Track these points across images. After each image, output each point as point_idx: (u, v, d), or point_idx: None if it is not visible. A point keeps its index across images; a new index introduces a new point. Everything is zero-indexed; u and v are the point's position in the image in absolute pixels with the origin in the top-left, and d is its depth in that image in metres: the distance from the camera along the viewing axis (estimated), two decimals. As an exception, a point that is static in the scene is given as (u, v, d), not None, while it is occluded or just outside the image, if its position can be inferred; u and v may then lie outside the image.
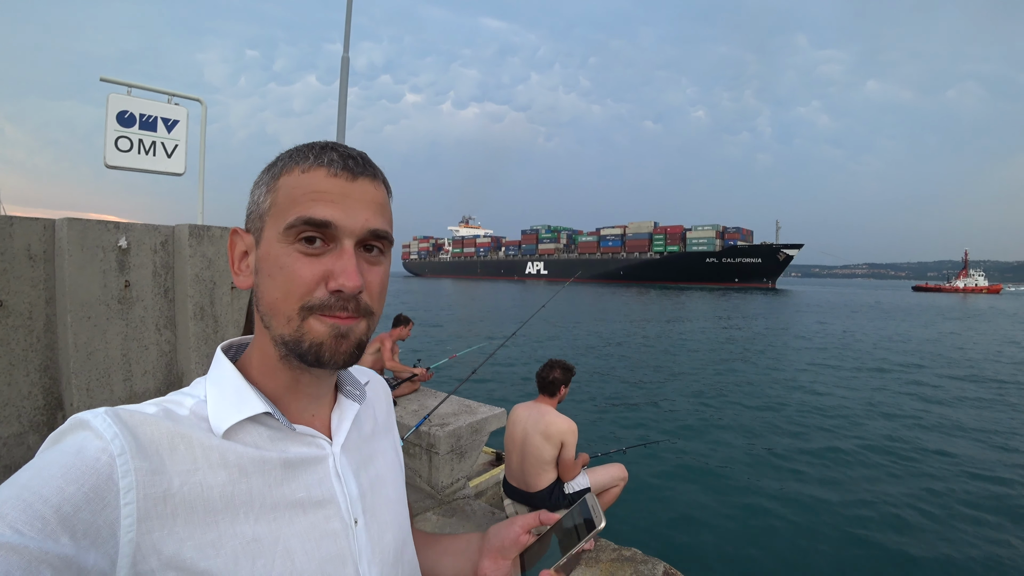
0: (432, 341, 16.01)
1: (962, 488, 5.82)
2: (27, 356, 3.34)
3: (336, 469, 0.61)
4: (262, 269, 0.57)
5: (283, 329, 0.56)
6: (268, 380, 0.60)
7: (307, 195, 0.55)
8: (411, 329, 5.44)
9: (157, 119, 5.96)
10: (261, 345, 0.60)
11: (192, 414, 0.54)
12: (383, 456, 0.72)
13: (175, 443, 0.50)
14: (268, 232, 0.57)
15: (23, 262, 3.31)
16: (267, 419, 0.57)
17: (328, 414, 0.65)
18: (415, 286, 70.02)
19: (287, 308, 0.55)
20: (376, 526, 0.64)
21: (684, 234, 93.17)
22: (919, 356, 15.44)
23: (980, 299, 66.56)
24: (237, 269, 0.61)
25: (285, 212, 0.55)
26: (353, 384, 0.69)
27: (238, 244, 0.61)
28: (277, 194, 0.57)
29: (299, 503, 0.56)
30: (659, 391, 10.18)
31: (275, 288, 0.56)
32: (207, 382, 0.59)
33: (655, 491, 5.50)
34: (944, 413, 8.99)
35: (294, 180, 0.56)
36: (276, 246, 0.56)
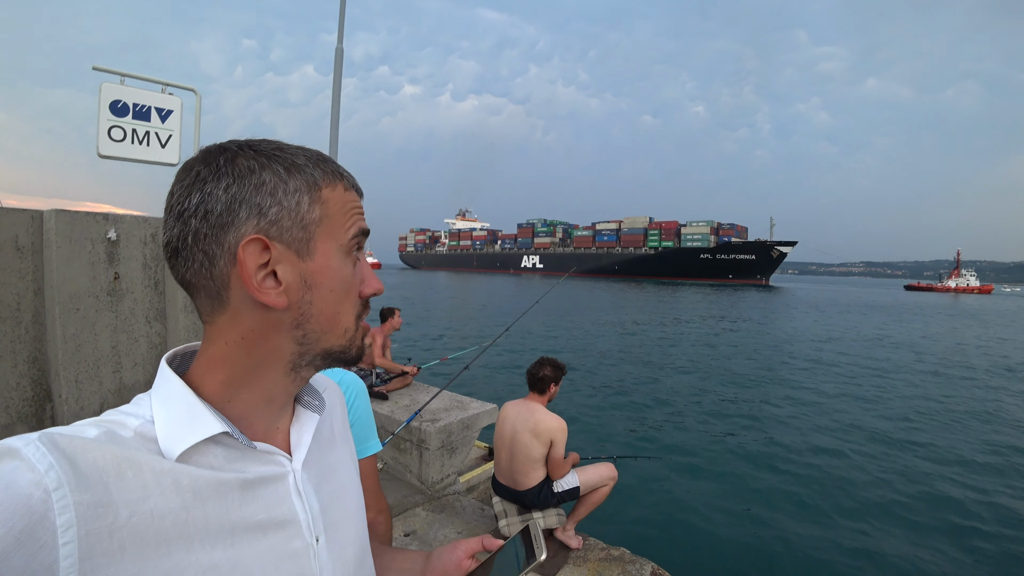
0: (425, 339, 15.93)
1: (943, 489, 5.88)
2: (15, 348, 3.30)
3: (297, 486, 0.58)
4: (321, 284, 0.55)
5: (337, 341, 0.58)
6: (239, 393, 0.55)
7: (354, 210, 0.59)
8: (399, 315, 5.38)
9: (151, 109, 5.87)
10: (247, 357, 0.55)
11: (137, 435, 0.49)
12: (343, 467, 0.69)
13: (122, 469, 0.45)
14: (324, 244, 0.55)
15: (11, 253, 3.26)
16: (224, 438, 0.53)
17: (287, 429, 0.62)
18: (411, 279, 69.87)
19: (346, 321, 0.58)
20: (337, 541, 0.62)
21: (679, 230, 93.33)
22: (895, 356, 15.56)
23: (970, 299, 67.13)
24: (258, 285, 0.52)
25: (343, 225, 0.57)
26: (311, 394, 0.66)
27: (259, 256, 0.52)
28: (327, 206, 0.56)
29: (258, 525, 0.53)
30: (652, 392, 10.21)
31: (337, 302, 0.57)
32: (152, 399, 0.53)
33: (645, 492, 5.52)
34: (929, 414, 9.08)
35: (340, 196, 0.57)
36: (338, 259, 0.56)
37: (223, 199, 0.51)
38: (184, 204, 0.51)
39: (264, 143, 0.55)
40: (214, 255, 0.51)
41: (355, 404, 1.36)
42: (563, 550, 3.06)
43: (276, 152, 0.54)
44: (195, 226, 0.51)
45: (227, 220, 0.51)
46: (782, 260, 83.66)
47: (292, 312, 0.54)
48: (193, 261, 0.52)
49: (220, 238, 0.51)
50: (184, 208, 0.51)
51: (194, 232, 0.51)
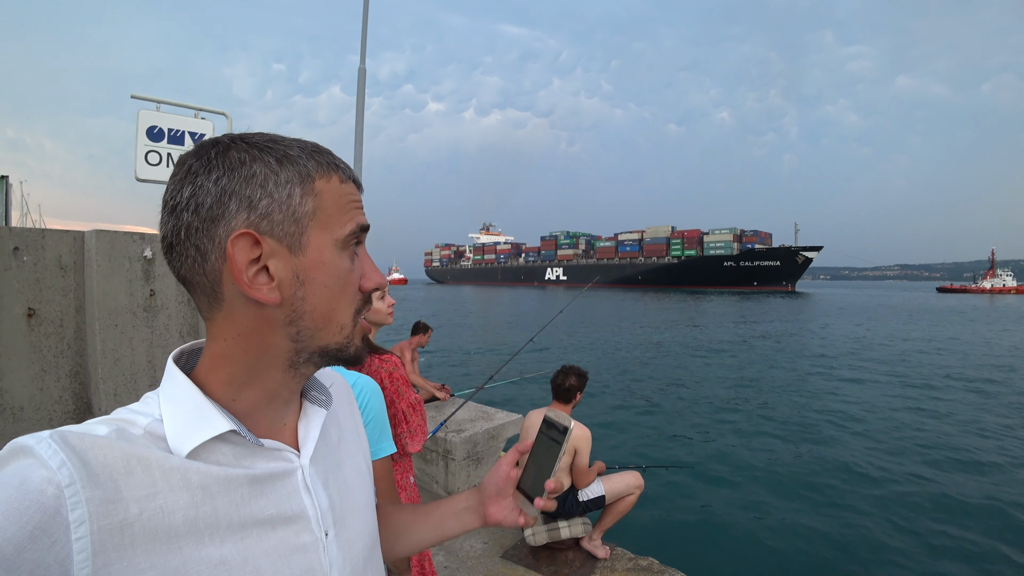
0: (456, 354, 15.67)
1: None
2: (58, 362, 3.41)
3: (305, 482, 0.57)
4: (315, 279, 0.53)
5: (333, 338, 0.55)
6: (233, 393, 0.54)
7: (352, 204, 0.56)
8: (430, 336, 5.38)
9: (184, 133, 6.09)
10: (245, 355, 0.53)
11: (147, 434, 0.49)
12: (351, 461, 0.68)
13: (131, 466, 0.45)
14: (318, 238, 0.53)
15: (54, 272, 3.38)
16: (231, 436, 0.52)
17: (295, 424, 0.61)
18: (437, 293, 70.46)
19: (343, 317, 0.55)
20: (346, 536, 0.61)
21: (701, 238, 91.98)
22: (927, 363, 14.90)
23: (1008, 299, 64.00)
24: (250, 281, 0.50)
25: (339, 219, 0.54)
26: (318, 389, 0.65)
27: (250, 252, 0.50)
28: (321, 199, 0.53)
29: (268, 520, 0.52)
30: (680, 401, 9.98)
31: (332, 298, 0.54)
32: (160, 398, 0.53)
33: (674, 501, 5.34)
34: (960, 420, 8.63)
35: (335, 188, 0.54)
36: (333, 253, 0.54)
37: (213, 192, 0.49)
38: (176, 198, 0.50)
39: (258, 135, 0.53)
40: (206, 250, 0.50)
41: (368, 405, 1.34)
42: (590, 560, 2.97)
43: (268, 144, 0.52)
44: (187, 220, 0.49)
45: (217, 213, 0.49)
46: (808, 266, 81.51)
47: (285, 308, 0.52)
48: (186, 256, 0.51)
49: (211, 232, 0.49)
50: (176, 202, 0.50)
51: (186, 226, 0.50)
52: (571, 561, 2.95)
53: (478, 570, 2.89)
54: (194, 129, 6.02)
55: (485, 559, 3.00)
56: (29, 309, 3.29)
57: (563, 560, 2.96)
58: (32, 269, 3.30)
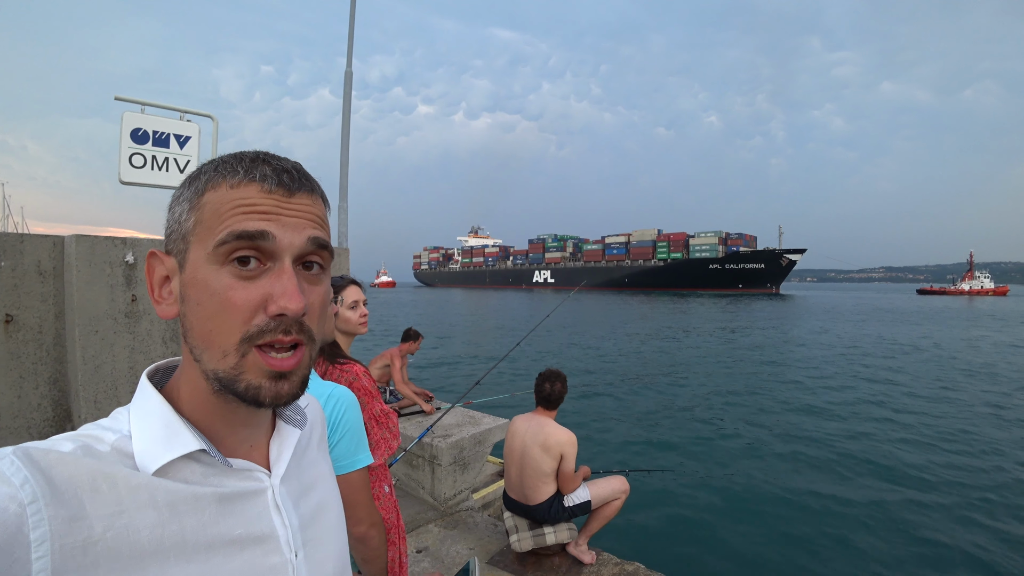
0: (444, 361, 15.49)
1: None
2: (36, 369, 3.33)
3: (276, 501, 0.56)
4: (189, 296, 0.50)
5: (217, 364, 0.49)
6: (201, 412, 0.53)
7: (237, 209, 0.49)
8: (420, 344, 5.34)
9: (170, 136, 6.00)
10: (191, 376, 0.53)
11: (114, 450, 0.48)
12: (323, 482, 0.67)
13: (97, 484, 0.44)
14: (194, 253, 0.50)
15: (33, 278, 3.31)
16: (201, 455, 0.51)
17: (266, 443, 0.60)
18: (426, 296, 70.14)
19: (223, 342, 0.49)
20: (317, 557, 0.60)
21: (687, 241, 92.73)
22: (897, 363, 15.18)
23: (985, 301, 65.39)
24: (158, 297, 0.53)
25: (213, 230, 0.49)
26: (293, 408, 0.63)
27: (157, 268, 0.53)
28: (202, 211, 0.50)
29: (236, 540, 0.51)
30: (664, 405, 10.03)
31: (207, 318, 0.49)
32: (131, 414, 0.52)
33: (660, 506, 5.35)
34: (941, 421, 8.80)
35: (221, 195, 0.50)
36: (205, 269, 0.49)
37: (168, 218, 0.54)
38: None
39: (227, 155, 0.53)
40: None
41: (345, 416, 1.32)
42: (576, 565, 2.96)
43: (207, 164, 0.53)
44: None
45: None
46: (792, 268, 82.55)
47: (181, 324, 0.52)
48: None
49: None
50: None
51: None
52: (557, 567, 2.95)
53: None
54: (179, 131, 5.93)
55: (471, 565, 2.98)
56: (7, 315, 3.21)
57: (549, 566, 2.96)
58: (10, 274, 3.22)
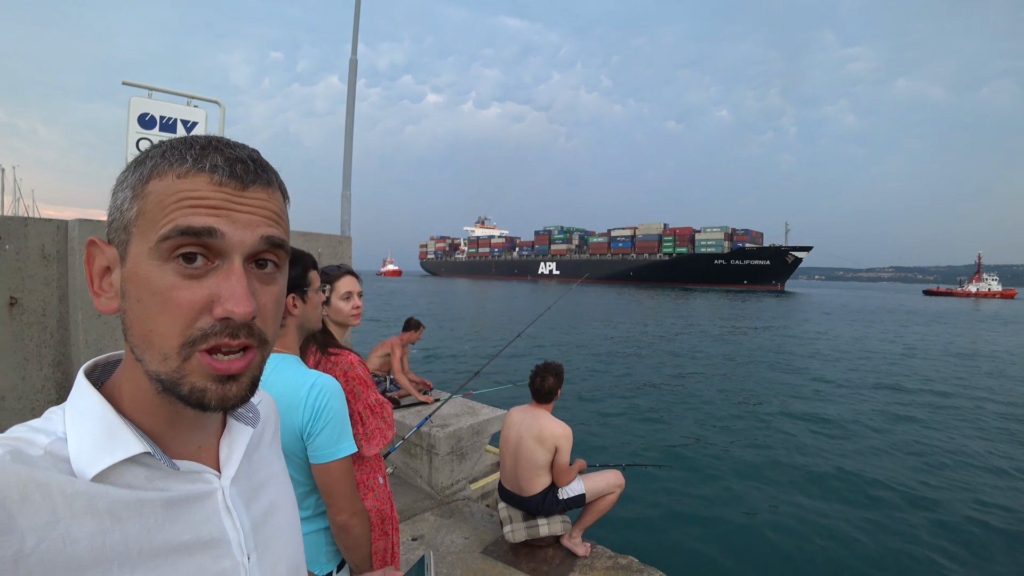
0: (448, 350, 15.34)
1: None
2: (40, 352, 3.35)
3: (226, 503, 0.54)
4: (129, 292, 0.46)
5: (158, 366, 0.46)
6: (144, 412, 0.50)
7: (183, 202, 0.45)
8: (421, 333, 5.32)
9: (177, 121, 5.99)
10: (133, 375, 0.49)
11: (48, 455, 0.44)
12: (276, 481, 0.65)
13: (28, 492, 0.41)
14: (136, 247, 0.46)
15: (37, 261, 3.32)
16: (145, 458, 0.48)
17: (216, 442, 0.57)
18: (432, 286, 70.24)
19: (164, 344, 0.45)
20: (270, 559, 0.58)
21: (693, 236, 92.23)
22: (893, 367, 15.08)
23: (991, 304, 64.71)
24: (97, 289, 0.49)
25: (156, 223, 0.45)
26: (245, 406, 0.60)
27: (97, 258, 0.48)
28: (146, 201, 0.46)
29: (184, 546, 0.49)
30: (663, 400, 10.01)
31: (146, 318, 0.45)
32: (66, 415, 0.48)
33: (655, 500, 5.35)
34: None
35: (167, 186, 0.45)
36: (146, 264, 0.45)
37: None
38: None
39: (177, 139, 0.49)
40: None
41: (328, 405, 1.30)
42: (570, 557, 2.97)
43: (154, 147, 0.48)
44: None
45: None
46: (797, 265, 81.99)
47: (122, 320, 0.48)
48: None
49: None
50: None
51: None
52: (551, 558, 2.95)
53: (458, 565, 2.89)
54: (186, 117, 5.93)
55: (465, 555, 3.00)
56: (11, 298, 3.23)
57: (543, 557, 2.96)
58: (14, 258, 3.23)
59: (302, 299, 1.41)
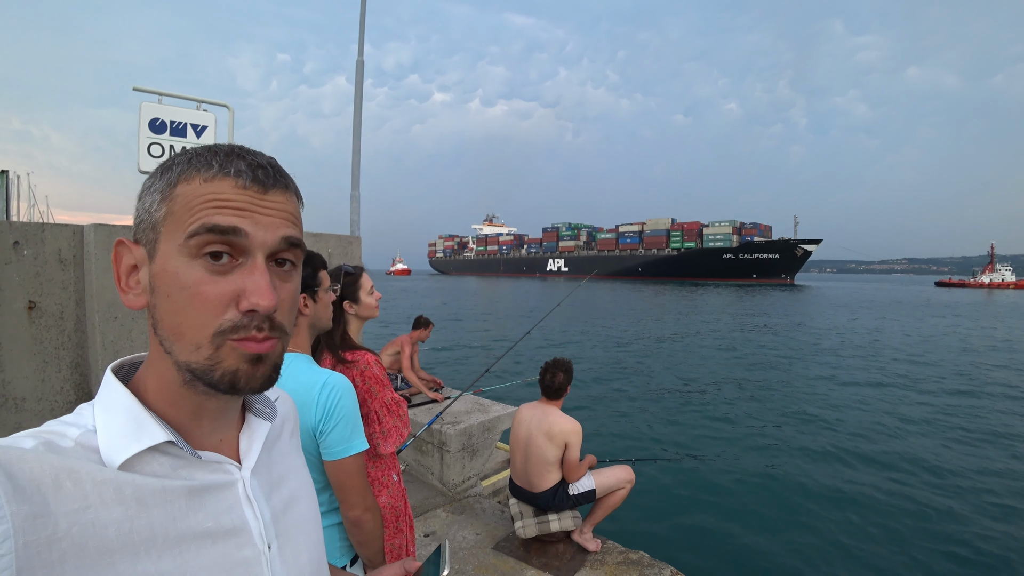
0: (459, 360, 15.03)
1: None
2: (59, 354, 3.40)
3: (247, 494, 0.56)
4: (159, 288, 0.49)
5: (190, 356, 0.49)
6: (169, 405, 0.52)
7: (209, 203, 0.49)
8: (431, 331, 5.33)
9: (187, 125, 6.05)
10: (159, 368, 0.52)
11: (78, 446, 0.47)
12: (295, 474, 0.67)
13: (60, 480, 0.43)
14: (165, 245, 0.49)
15: (54, 266, 3.37)
16: (169, 447, 0.50)
17: (236, 436, 0.59)
18: (441, 284, 70.40)
19: (196, 335, 0.49)
20: (291, 549, 0.60)
21: (701, 230, 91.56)
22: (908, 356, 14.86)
23: (1005, 295, 63.54)
24: (125, 286, 0.52)
25: (184, 222, 0.48)
26: (263, 402, 0.63)
27: (125, 257, 0.51)
28: (174, 203, 0.49)
29: (207, 533, 0.51)
30: (674, 395, 9.96)
31: (177, 311, 0.49)
32: (95, 409, 0.51)
33: (667, 495, 5.33)
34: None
35: (194, 189, 0.49)
36: (176, 261, 0.48)
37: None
38: None
39: (201, 147, 0.52)
40: None
41: (340, 403, 1.32)
42: (580, 552, 2.97)
43: (180, 155, 0.52)
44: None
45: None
46: (807, 259, 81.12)
47: (151, 315, 0.51)
48: None
49: None
50: None
51: None
52: (562, 554, 2.95)
53: (470, 561, 2.89)
54: (196, 121, 5.98)
55: (477, 550, 3.01)
56: (30, 302, 3.28)
57: (554, 552, 2.96)
58: (32, 263, 3.28)
59: (313, 299, 1.42)
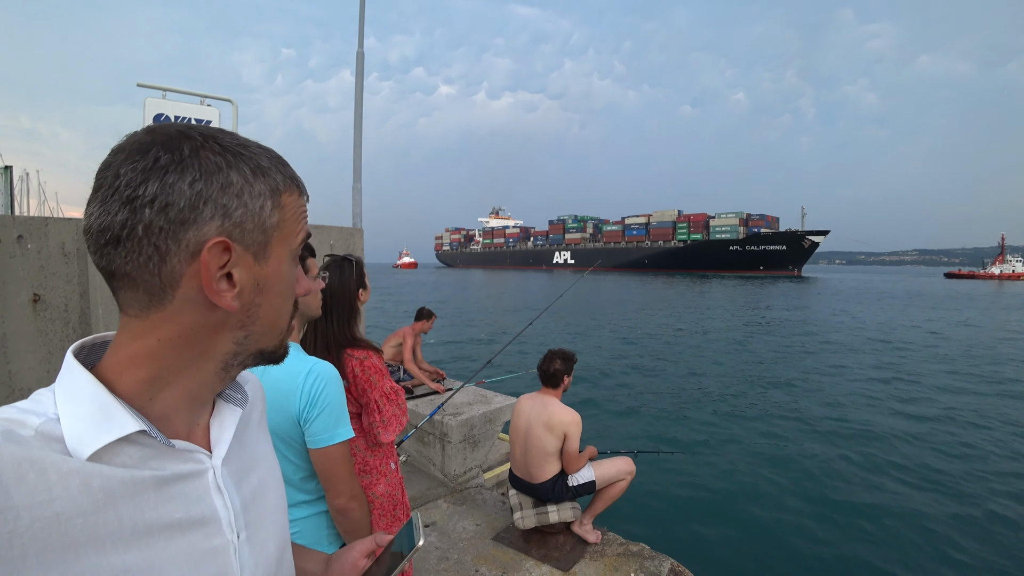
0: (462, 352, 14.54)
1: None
2: (64, 346, 3.42)
3: (217, 483, 0.54)
4: (271, 288, 0.54)
5: (273, 342, 0.57)
6: (164, 391, 0.51)
7: (302, 215, 0.57)
8: (433, 323, 5.32)
9: (191, 120, 6.06)
10: (179, 356, 0.50)
11: (39, 435, 0.44)
12: (264, 461, 0.66)
13: (23, 471, 0.41)
14: (278, 249, 0.54)
15: (58, 259, 3.38)
16: (139, 437, 0.48)
17: (207, 421, 0.58)
18: (448, 277, 70.48)
19: (284, 322, 0.58)
20: (259, 538, 0.59)
21: (707, 222, 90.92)
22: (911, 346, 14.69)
23: (1016, 286, 62.66)
24: (217, 288, 0.49)
25: (294, 230, 0.56)
26: (233, 387, 0.62)
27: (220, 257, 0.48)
28: (284, 211, 0.54)
29: (176, 524, 0.49)
30: (677, 387, 9.92)
31: (280, 307, 0.56)
32: (56, 395, 0.47)
33: (668, 488, 5.29)
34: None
35: (295, 203, 0.56)
36: (287, 264, 0.56)
37: (187, 194, 0.46)
38: (137, 190, 0.45)
39: (227, 137, 0.51)
40: (167, 251, 0.46)
41: (325, 391, 1.31)
42: (580, 544, 2.95)
43: (240, 150, 0.51)
44: (149, 217, 0.45)
45: (188, 217, 0.47)
46: (814, 250, 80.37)
47: (240, 314, 0.52)
48: (139, 254, 0.46)
49: (178, 235, 0.46)
50: (137, 195, 0.45)
51: (147, 224, 0.45)
52: (561, 545, 2.94)
53: (469, 551, 2.89)
54: (200, 116, 5.98)
55: (476, 540, 3.00)
56: (34, 295, 3.30)
57: (554, 544, 2.95)
58: (36, 256, 3.29)
59: None
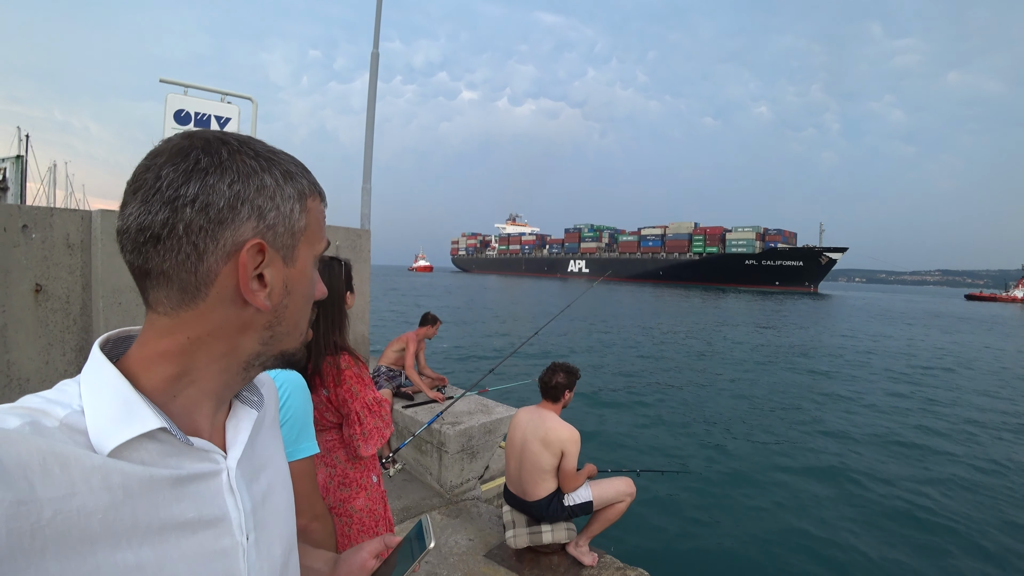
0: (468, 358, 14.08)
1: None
2: (64, 337, 3.38)
3: (231, 484, 0.54)
4: (297, 290, 0.55)
5: (295, 343, 0.57)
6: (187, 388, 0.51)
7: (323, 221, 0.58)
8: (438, 328, 5.19)
9: (211, 117, 6.06)
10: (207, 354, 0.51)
11: (64, 427, 0.44)
12: (273, 464, 0.65)
13: (48, 465, 0.40)
14: (305, 252, 0.55)
15: (62, 250, 3.34)
16: (159, 434, 0.48)
17: (223, 422, 0.58)
18: (462, 281, 70.59)
19: (304, 324, 0.58)
20: (266, 539, 0.58)
21: (724, 235, 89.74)
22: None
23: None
24: (252, 289, 0.50)
25: (319, 235, 0.57)
26: (249, 389, 0.62)
27: (256, 258, 0.50)
28: (310, 215, 0.55)
29: (188, 523, 0.49)
30: (686, 404, 9.64)
31: (303, 307, 0.57)
32: (81, 387, 0.47)
33: (671, 509, 5.05)
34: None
35: (318, 207, 0.57)
36: (311, 267, 0.57)
37: (227, 195, 0.48)
38: (179, 191, 0.47)
39: (258, 143, 0.53)
40: (205, 250, 0.48)
41: (289, 402, 1.20)
42: (575, 566, 2.79)
43: (272, 156, 0.53)
44: (190, 217, 0.47)
45: (227, 217, 0.48)
46: (831, 267, 78.67)
47: (268, 314, 0.53)
48: (178, 252, 0.47)
49: (216, 234, 0.48)
50: (178, 195, 0.47)
51: (187, 223, 0.47)
52: (555, 566, 2.78)
53: (459, 567, 2.75)
54: (220, 113, 5.99)
55: (468, 557, 2.85)
56: (37, 285, 3.26)
57: (547, 564, 2.79)
58: (40, 246, 3.26)
59: None
